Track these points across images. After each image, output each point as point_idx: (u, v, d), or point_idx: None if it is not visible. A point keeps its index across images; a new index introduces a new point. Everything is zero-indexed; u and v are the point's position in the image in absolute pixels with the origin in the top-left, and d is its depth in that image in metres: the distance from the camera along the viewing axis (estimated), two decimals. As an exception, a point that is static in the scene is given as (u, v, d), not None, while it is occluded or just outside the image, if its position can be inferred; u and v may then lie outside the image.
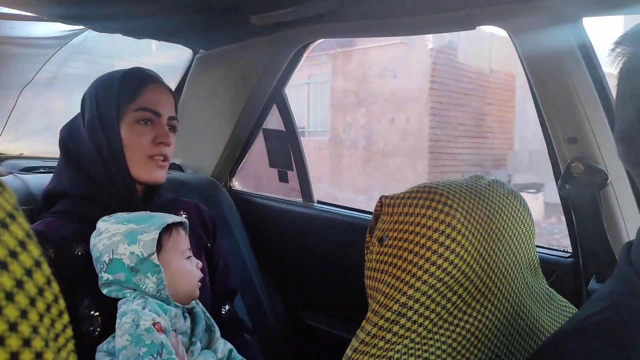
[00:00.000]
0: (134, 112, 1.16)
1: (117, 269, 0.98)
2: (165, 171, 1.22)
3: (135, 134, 1.16)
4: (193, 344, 1.02)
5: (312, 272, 1.82)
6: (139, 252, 0.98)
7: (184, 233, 1.08)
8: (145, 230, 1.00)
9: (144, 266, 0.98)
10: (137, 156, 1.16)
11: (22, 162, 1.69)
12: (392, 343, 0.76)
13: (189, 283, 1.05)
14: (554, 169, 1.25)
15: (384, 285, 0.81)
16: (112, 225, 1.01)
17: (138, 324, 0.91)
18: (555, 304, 1.00)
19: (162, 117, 1.19)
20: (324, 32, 1.55)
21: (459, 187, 0.85)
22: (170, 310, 0.98)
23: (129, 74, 1.20)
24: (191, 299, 1.07)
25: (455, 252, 0.77)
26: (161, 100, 1.20)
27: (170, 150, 1.21)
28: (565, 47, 1.12)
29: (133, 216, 1.04)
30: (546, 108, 1.19)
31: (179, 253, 1.05)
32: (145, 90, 1.18)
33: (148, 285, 0.98)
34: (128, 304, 0.96)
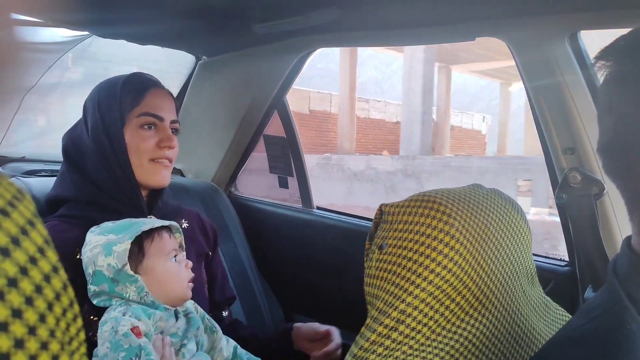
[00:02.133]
0: (137, 118, 1.18)
1: (100, 280, 0.99)
2: (169, 173, 1.23)
3: (139, 138, 1.18)
4: (184, 346, 1.03)
5: (311, 278, 1.83)
6: (114, 264, 0.99)
7: (169, 236, 1.08)
8: (120, 240, 1.00)
9: (121, 277, 0.99)
10: (141, 160, 1.18)
11: (25, 165, 1.70)
12: (391, 349, 0.78)
13: (178, 285, 1.05)
14: (551, 179, 1.26)
15: (383, 293, 0.82)
16: (95, 237, 1.02)
17: (117, 330, 0.92)
18: (552, 313, 1.01)
19: (165, 121, 1.20)
20: (326, 42, 1.57)
21: (458, 196, 0.87)
22: (154, 314, 0.99)
23: (130, 80, 1.21)
24: (183, 301, 1.07)
25: (453, 261, 0.79)
26: (163, 105, 1.21)
27: (173, 153, 1.23)
28: (562, 59, 1.14)
29: (116, 225, 1.04)
30: (544, 118, 1.21)
31: (163, 257, 1.05)
32: (147, 96, 1.19)
33: (130, 293, 0.99)
34: (110, 312, 0.97)
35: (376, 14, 1.33)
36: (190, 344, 1.04)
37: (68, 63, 1.71)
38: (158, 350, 0.95)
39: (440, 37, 1.33)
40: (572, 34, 1.14)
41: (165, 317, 1.01)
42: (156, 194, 1.25)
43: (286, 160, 1.91)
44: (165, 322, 1.01)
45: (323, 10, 1.30)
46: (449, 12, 1.23)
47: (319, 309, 1.82)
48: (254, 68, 1.76)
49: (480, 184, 0.96)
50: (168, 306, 1.03)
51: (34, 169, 1.66)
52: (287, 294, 1.87)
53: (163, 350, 0.96)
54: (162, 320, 1.00)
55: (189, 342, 1.04)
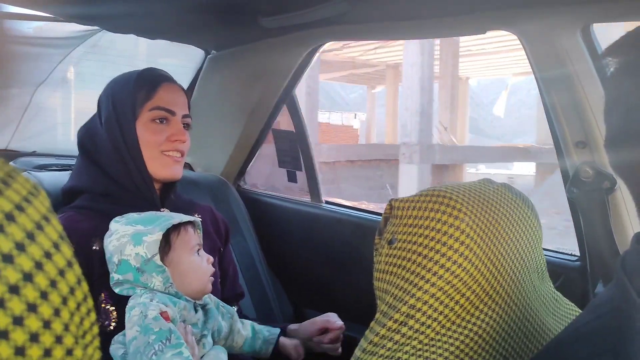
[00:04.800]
0: (150, 112, 1.20)
1: (126, 269, 1.01)
2: (181, 167, 1.25)
3: (151, 132, 1.20)
4: (204, 337, 1.05)
5: (320, 272, 1.84)
6: (143, 253, 1.00)
7: (193, 231, 1.10)
8: (150, 231, 1.02)
9: (149, 266, 1.00)
10: (153, 153, 1.20)
11: (36, 160, 1.72)
12: (401, 344, 0.78)
13: (200, 279, 1.07)
14: (562, 173, 1.25)
15: (392, 287, 0.82)
16: (122, 227, 1.04)
17: (146, 314, 0.93)
18: (562, 308, 1.00)
19: (176, 115, 1.22)
20: (334, 35, 1.57)
21: (468, 191, 0.86)
22: (179, 303, 1.01)
23: (143, 75, 1.23)
24: (203, 294, 1.09)
25: (463, 255, 0.79)
26: (175, 99, 1.23)
27: (185, 147, 1.24)
28: (575, 52, 1.13)
29: (142, 217, 1.06)
30: (555, 112, 1.20)
31: (187, 250, 1.07)
32: (159, 90, 1.21)
33: (155, 283, 1.01)
34: (136, 298, 0.99)
35: (384, 6, 1.32)
36: (208, 337, 1.06)
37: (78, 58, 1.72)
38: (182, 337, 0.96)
39: (450, 30, 1.32)
40: (585, 26, 1.12)
41: (188, 308, 1.03)
42: (169, 188, 1.26)
43: (295, 154, 1.91)
44: (188, 312, 1.03)
45: (331, 3, 1.29)
46: (458, 4, 1.22)
47: (328, 303, 1.82)
48: (263, 62, 1.75)
49: (491, 179, 0.96)
50: (189, 298, 1.05)
51: (44, 163, 1.67)
52: (296, 287, 1.88)
53: (186, 338, 0.97)
54: (186, 309, 1.02)
55: (208, 335, 1.06)
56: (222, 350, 1.08)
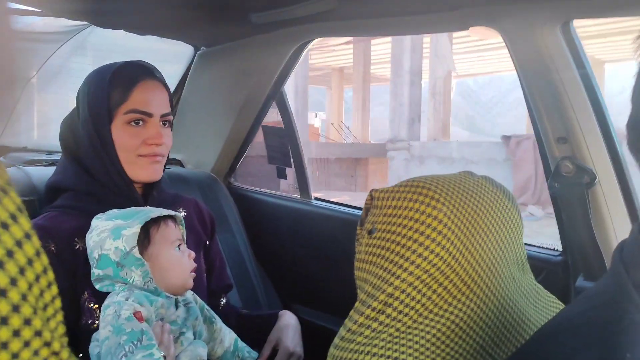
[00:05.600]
0: (125, 115, 1.16)
1: (105, 264, 1.01)
2: (160, 167, 1.22)
3: (127, 136, 1.16)
4: (183, 334, 1.04)
5: (309, 268, 1.84)
6: (122, 247, 1.00)
7: (174, 225, 1.09)
8: (129, 225, 1.01)
9: (128, 260, 1.00)
10: (129, 157, 1.17)
11: (26, 155, 1.72)
12: (378, 332, 0.79)
13: (180, 274, 1.07)
14: (544, 168, 1.27)
15: (371, 276, 0.83)
16: (102, 222, 1.04)
17: (119, 314, 0.93)
18: (543, 300, 1.01)
19: (153, 116, 1.18)
20: (323, 31, 1.58)
21: (447, 182, 0.87)
22: (156, 301, 1.00)
23: (118, 72, 1.18)
24: (184, 289, 1.09)
25: (441, 245, 0.80)
26: (153, 99, 1.18)
27: (164, 148, 1.21)
28: (555, 48, 1.14)
29: (122, 212, 1.06)
30: (537, 108, 1.21)
31: (168, 245, 1.06)
32: (135, 90, 1.16)
33: (134, 278, 1.00)
34: (113, 296, 0.99)
35: (372, 3, 1.33)
36: (188, 333, 1.05)
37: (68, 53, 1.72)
38: (157, 337, 0.96)
39: (434, 26, 1.34)
40: (565, 22, 1.14)
41: (166, 305, 1.02)
42: (151, 185, 1.24)
43: (284, 151, 1.92)
44: (166, 309, 1.02)
45: (319, -1, 1.31)
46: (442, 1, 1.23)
47: (317, 298, 1.83)
48: (252, 58, 1.76)
49: (471, 171, 0.97)
50: (169, 294, 1.05)
51: (35, 159, 1.68)
52: (285, 284, 1.88)
53: (162, 337, 0.97)
54: (163, 307, 1.01)
55: (187, 331, 1.05)
56: (200, 344, 1.07)
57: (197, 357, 1.04)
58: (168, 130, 1.22)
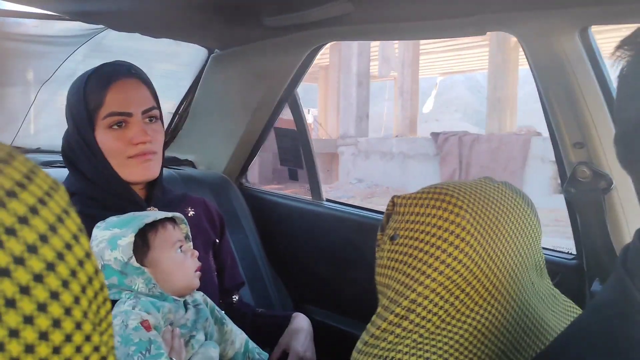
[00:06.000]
0: (104, 120, 1.13)
1: (110, 273, 1.00)
2: (153, 164, 1.19)
3: (112, 139, 1.14)
4: (193, 337, 1.04)
5: (320, 269, 1.85)
6: (120, 257, 0.99)
7: (173, 227, 1.08)
8: (124, 234, 1.01)
9: (128, 269, 1.00)
10: (119, 160, 1.15)
11: (40, 156, 1.73)
12: (402, 337, 0.79)
13: (184, 276, 1.06)
14: (560, 173, 1.27)
15: (394, 282, 0.84)
16: (100, 232, 1.03)
17: (127, 324, 0.93)
18: (560, 304, 1.02)
19: (134, 115, 1.15)
20: (337, 35, 1.58)
21: (469, 188, 0.88)
22: (163, 306, 1.00)
23: (92, 78, 1.16)
24: (191, 290, 1.08)
25: (464, 252, 0.80)
26: (130, 98, 1.15)
27: (153, 145, 1.17)
28: (573, 54, 1.15)
29: (120, 220, 1.04)
30: (553, 113, 1.21)
31: (168, 248, 1.05)
32: (109, 92, 1.13)
33: (139, 285, 1.00)
34: (120, 306, 0.98)
35: (387, 7, 1.34)
36: (199, 335, 1.05)
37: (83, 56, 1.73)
38: (167, 342, 0.96)
39: (450, 31, 1.34)
40: (583, 28, 1.14)
41: (174, 309, 1.02)
42: (153, 185, 1.22)
43: (296, 153, 1.92)
44: (175, 313, 1.02)
45: (334, 3, 1.31)
46: (459, 6, 1.24)
47: (329, 300, 1.84)
48: (266, 61, 1.77)
49: (491, 177, 0.98)
50: (176, 297, 1.04)
51: (48, 160, 1.69)
52: (297, 285, 1.89)
53: (172, 342, 0.97)
54: (171, 312, 1.01)
55: (198, 333, 1.05)
56: (212, 345, 1.07)
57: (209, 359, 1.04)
58: (155, 125, 1.19)
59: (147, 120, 1.17)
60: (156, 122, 1.20)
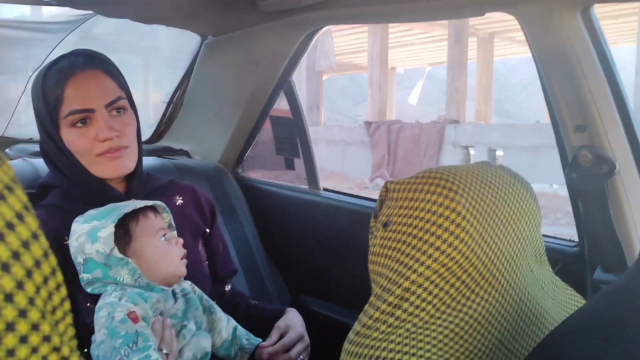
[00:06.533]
0: (66, 118, 1.07)
1: (93, 267, 0.98)
2: (125, 160, 1.12)
3: (76, 137, 1.08)
4: (185, 327, 1.02)
5: (317, 259, 1.83)
6: (102, 250, 0.97)
7: (154, 215, 1.05)
8: (104, 225, 0.98)
9: (112, 261, 0.97)
10: (89, 159, 1.10)
11: (32, 147, 1.70)
12: (395, 327, 0.77)
13: (170, 264, 1.04)
14: (561, 157, 1.24)
15: (387, 270, 0.81)
16: (79, 226, 1.00)
17: (113, 316, 0.91)
18: (561, 292, 1.00)
19: (97, 111, 1.08)
20: (332, 19, 1.55)
21: (465, 173, 0.85)
22: (151, 297, 0.98)
23: (49, 73, 1.09)
24: (177, 279, 1.06)
25: (459, 238, 0.78)
26: (90, 92, 1.08)
27: (121, 139, 1.10)
28: (575, 35, 1.11)
29: (98, 212, 1.02)
30: (554, 95, 1.18)
31: (151, 236, 1.03)
32: (67, 87, 1.06)
33: (124, 276, 0.98)
34: (105, 297, 0.96)
35: (383, -10, 1.30)
36: (190, 325, 1.03)
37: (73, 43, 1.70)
38: (157, 333, 0.94)
39: (448, 12, 1.30)
40: (584, 7, 1.10)
41: (163, 299, 1.00)
42: (131, 177, 1.17)
43: (292, 142, 1.89)
44: (164, 303, 1.00)
45: (329, -15, 1.27)
46: (457, -14, 1.20)
47: (325, 290, 1.82)
48: (260, 47, 1.74)
49: (489, 161, 0.95)
50: (164, 287, 1.02)
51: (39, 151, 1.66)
52: (293, 275, 1.87)
53: (163, 333, 0.95)
54: (160, 302, 0.99)
55: (189, 323, 1.03)
56: (204, 335, 1.05)
57: (201, 350, 1.02)
58: (124, 117, 1.12)
59: (113, 113, 1.11)
60: (124, 114, 1.13)
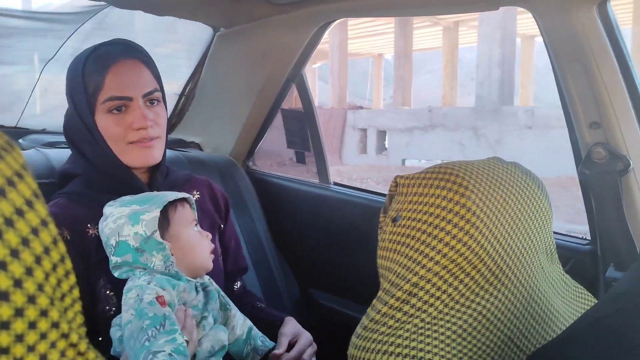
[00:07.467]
0: (103, 104, 1.09)
1: (124, 251, 0.99)
2: (155, 151, 1.15)
3: (112, 123, 1.10)
4: (205, 319, 1.03)
5: (327, 253, 1.83)
6: (142, 232, 0.99)
7: (189, 205, 1.08)
8: (148, 209, 1.00)
9: (149, 245, 0.99)
10: (120, 146, 1.12)
11: (45, 137, 1.72)
12: (402, 322, 0.76)
13: (201, 253, 1.07)
14: (574, 154, 1.23)
15: (396, 265, 0.80)
16: (117, 209, 1.02)
17: (142, 298, 0.92)
18: (571, 291, 0.98)
19: (134, 99, 1.10)
20: (345, 11, 1.54)
21: (476, 168, 0.84)
22: (178, 285, 1.00)
23: (91, 59, 1.11)
24: (204, 271, 1.08)
25: (469, 234, 0.77)
26: (130, 80, 1.10)
27: (155, 130, 1.13)
28: (591, 30, 1.09)
29: (136, 198, 1.05)
30: (569, 91, 1.16)
31: (186, 225, 1.06)
32: (108, 75, 1.09)
33: (155, 263, 0.99)
34: (134, 280, 0.98)
35: (397, -17, 1.29)
36: (209, 317, 1.05)
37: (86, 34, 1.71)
38: (180, 321, 0.95)
39: (462, 6, 1.29)
40: (601, 2, 1.09)
41: (188, 289, 1.02)
42: (155, 169, 1.20)
43: (304, 135, 1.89)
44: (188, 294, 1.02)
45: (342, -22, 1.26)
46: (472, -21, 1.19)
47: (335, 284, 1.82)
48: (272, 39, 1.73)
49: (500, 157, 0.94)
50: (190, 278, 1.04)
51: (54, 141, 1.67)
52: (303, 268, 1.87)
53: (184, 322, 0.96)
54: (185, 291, 1.01)
55: (209, 316, 1.05)
56: (222, 329, 1.07)
57: (218, 342, 1.04)
58: (157, 108, 1.15)
59: (148, 104, 1.13)
60: (158, 105, 1.16)
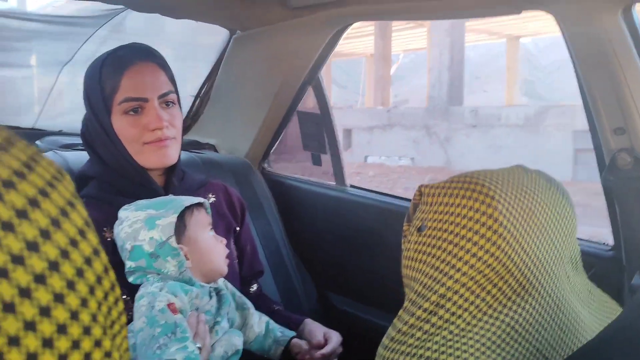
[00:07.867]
0: (119, 105, 1.12)
1: (138, 255, 0.99)
2: (171, 151, 1.16)
3: (127, 125, 1.12)
4: (218, 324, 1.03)
5: (344, 256, 1.82)
6: (157, 237, 0.98)
7: (204, 210, 1.08)
8: (164, 214, 1.00)
9: (163, 250, 0.98)
10: (136, 147, 1.13)
11: (62, 139, 1.72)
12: (430, 334, 0.76)
13: (217, 257, 1.07)
14: (598, 160, 1.21)
15: (422, 275, 0.80)
16: (132, 213, 1.02)
17: (153, 305, 0.92)
18: (596, 300, 0.97)
19: (150, 100, 1.12)
20: (363, 15, 1.53)
21: (501, 177, 0.83)
22: (191, 291, 0.99)
23: (107, 62, 1.14)
24: (219, 275, 1.08)
25: (497, 245, 0.76)
26: (145, 82, 1.13)
27: (170, 130, 1.15)
28: (616, 35, 1.08)
29: (152, 202, 1.04)
30: (593, 97, 1.15)
31: (203, 229, 1.06)
32: (125, 76, 1.11)
33: (169, 268, 0.99)
34: (147, 286, 0.98)
35: (416, -14, 1.28)
36: (223, 322, 1.05)
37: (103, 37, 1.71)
38: (192, 327, 0.95)
39: (485, 10, 1.28)
40: (626, 6, 1.07)
41: (201, 295, 1.02)
42: (171, 171, 1.21)
43: (320, 138, 1.88)
44: (201, 299, 1.01)
45: (361, -19, 1.26)
46: (494, -17, 1.17)
47: (352, 287, 1.82)
48: (289, 42, 1.73)
49: (524, 165, 0.93)
50: (204, 283, 1.04)
51: (70, 143, 1.67)
52: (320, 272, 1.87)
53: (197, 327, 0.96)
54: (198, 297, 1.01)
55: (222, 320, 1.05)
56: (236, 333, 1.06)
57: (232, 347, 1.04)
58: (173, 109, 1.17)
59: (163, 105, 1.15)
60: (173, 107, 1.18)
